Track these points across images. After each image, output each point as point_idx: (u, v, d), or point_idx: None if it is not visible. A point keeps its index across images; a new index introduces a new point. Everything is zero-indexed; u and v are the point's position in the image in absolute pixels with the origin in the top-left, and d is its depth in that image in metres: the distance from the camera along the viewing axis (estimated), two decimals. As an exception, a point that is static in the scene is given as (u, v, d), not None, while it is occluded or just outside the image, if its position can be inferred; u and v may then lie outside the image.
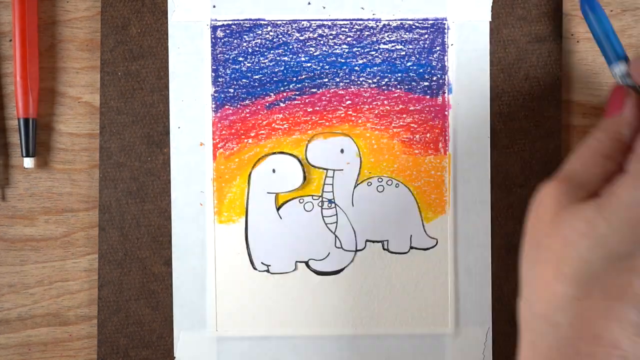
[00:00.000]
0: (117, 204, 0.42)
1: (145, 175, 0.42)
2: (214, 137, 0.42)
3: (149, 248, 0.42)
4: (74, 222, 0.43)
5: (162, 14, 0.42)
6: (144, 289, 0.42)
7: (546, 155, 0.42)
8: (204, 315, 0.42)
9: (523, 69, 0.42)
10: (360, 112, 0.42)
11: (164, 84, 0.42)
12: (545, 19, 0.42)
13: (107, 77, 0.42)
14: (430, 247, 0.42)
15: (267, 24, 0.42)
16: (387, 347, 0.42)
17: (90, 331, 0.43)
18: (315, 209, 0.42)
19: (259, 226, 0.42)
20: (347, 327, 0.42)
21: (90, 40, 0.43)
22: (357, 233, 0.42)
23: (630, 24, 0.44)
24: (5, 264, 0.43)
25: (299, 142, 0.42)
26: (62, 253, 0.43)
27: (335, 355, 0.42)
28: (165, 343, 0.42)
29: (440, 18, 0.42)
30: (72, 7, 0.43)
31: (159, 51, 0.42)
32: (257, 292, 0.42)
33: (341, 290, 0.42)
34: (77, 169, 0.43)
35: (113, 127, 0.42)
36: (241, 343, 0.42)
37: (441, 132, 0.42)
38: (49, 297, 0.43)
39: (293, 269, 0.42)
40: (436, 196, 0.42)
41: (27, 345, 0.43)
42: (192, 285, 0.42)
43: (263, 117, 0.42)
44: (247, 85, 0.42)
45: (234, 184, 0.42)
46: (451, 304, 0.42)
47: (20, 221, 0.43)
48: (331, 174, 0.42)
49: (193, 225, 0.42)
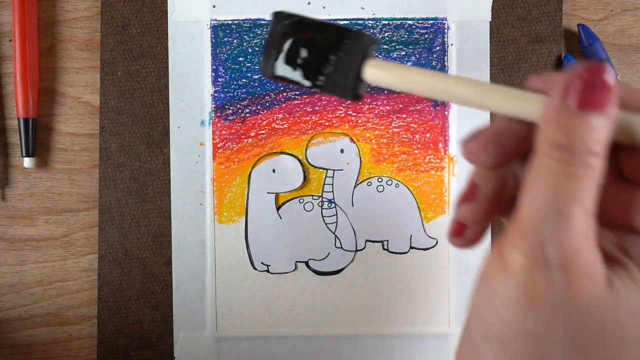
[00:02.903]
0: (117, 204, 0.42)
1: (145, 175, 0.42)
2: (214, 137, 0.42)
3: (149, 248, 0.42)
4: (74, 222, 0.43)
5: (162, 14, 0.42)
6: (144, 289, 0.42)
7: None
8: (204, 315, 0.42)
9: (523, 69, 0.42)
10: (360, 112, 0.42)
11: (164, 84, 0.42)
12: (545, 19, 0.42)
13: (107, 77, 0.42)
14: (430, 247, 0.42)
15: (267, 23, 0.42)
16: (387, 347, 0.42)
17: (90, 331, 0.43)
18: (315, 209, 0.42)
19: (259, 226, 0.42)
20: (347, 327, 0.42)
21: (90, 40, 0.43)
22: (357, 233, 0.42)
23: (630, 24, 0.44)
24: (5, 264, 0.43)
25: (299, 142, 0.42)
26: (62, 253, 0.43)
27: (335, 355, 0.42)
28: (165, 343, 0.42)
29: (440, 18, 0.42)
30: (72, 7, 0.43)
31: (159, 51, 0.42)
32: (257, 292, 0.42)
33: (341, 290, 0.42)
34: (77, 169, 0.43)
35: (113, 127, 0.42)
36: (241, 343, 0.42)
37: (441, 132, 0.42)
38: (49, 297, 0.43)
39: (293, 269, 0.42)
40: (436, 196, 0.42)
41: (27, 345, 0.43)
42: (192, 285, 0.42)
43: (263, 117, 0.42)
44: (247, 85, 0.42)
45: (234, 184, 0.42)
46: (451, 304, 0.42)
47: (20, 221, 0.43)
48: (331, 174, 0.42)
49: (193, 225, 0.42)
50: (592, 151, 0.20)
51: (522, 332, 0.21)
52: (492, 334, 0.22)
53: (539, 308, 0.21)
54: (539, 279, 0.20)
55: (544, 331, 0.21)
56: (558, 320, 0.21)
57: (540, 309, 0.21)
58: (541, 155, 0.21)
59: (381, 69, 0.30)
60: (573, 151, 0.20)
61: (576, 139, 0.20)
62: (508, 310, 0.21)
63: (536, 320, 0.21)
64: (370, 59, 0.31)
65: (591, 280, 0.20)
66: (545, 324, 0.21)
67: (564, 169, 0.20)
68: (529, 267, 0.21)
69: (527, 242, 0.21)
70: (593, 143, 0.20)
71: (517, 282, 0.21)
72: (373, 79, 0.30)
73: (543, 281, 0.20)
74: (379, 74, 0.30)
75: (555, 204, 0.20)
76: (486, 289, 0.22)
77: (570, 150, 0.20)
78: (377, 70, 0.30)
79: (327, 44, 0.34)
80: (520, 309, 0.21)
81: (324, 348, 0.42)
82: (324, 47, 0.34)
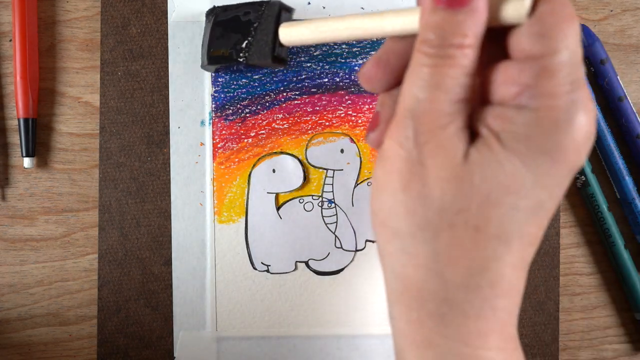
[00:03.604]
0: (117, 204, 0.42)
1: (145, 175, 0.42)
2: (214, 137, 0.42)
3: (149, 248, 0.42)
4: (74, 222, 0.43)
5: (162, 14, 0.42)
6: (144, 289, 0.42)
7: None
8: (204, 315, 0.42)
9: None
10: (360, 112, 0.42)
11: (164, 84, 0.42)
12: (545, 19, 0.42)
13: (107, 77, 0.42)
14: (430, 247, 0.42)
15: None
16: (387, 347, 0.42)
17: (90, 331, 0.43)
18: (315, 209, 0.42)
19: (259, 226, 0.42)
20: (346, 327, 0.42)
21: (90, 40, 0.43)
22: (357, 233, 0.42)
23: (630, 24, 0.44)
24: (5, 264, 0.43)
25: (299, 142, 0.42)
26: (62, 253, 0.43)
27: (335, 355, 0.42)
28: (165, 343, 0.42)
29: (440, 18, 0.42)
30: (72, 7, 0.43)
31: (159, 51, 0.42)
32: (257, 292, 0.42)
33: (341, 290, 0.42)
34: (77, 169, 0.43)
35: (113, 127, 0.42)
36: (241, 343, 0.42)
37: (441, 132, 0.42)
38: (49, 297, 0.43)
39: (293, 269, 0.42)
40: (436, 196, 0.42)
41: (27, 345, 0.43)
42: (192, 285, 0.42)
43: (263, 117, 0.42)
44: (247, 85, 0.42)
45: (234, 184, 0.42)
46: (451, 304, 0.42)
47: (20, 221, 0.43)
48: (331, 174, 0.42)
49: (193, 225, 0.42)
50: (459, 44, 0.22)
51: (400, 212, 0.23)
52: (379, 220, 0.24)
53: (402, 185, 0.23)
54: (400, 157, 0.23)
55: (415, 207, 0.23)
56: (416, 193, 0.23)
57: (402, 185, 0.23)
58: (415, 53, 0.23)
59: (291, 26, 0.32)
60: (441, 46, 0.22)
61: (443, 34, 0.22)
62: (380, 190, 0.24)
63: (402, 197, 0.23)
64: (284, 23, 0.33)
65: (445, 155, 0.22)
66: (414, 200, 0.23)
67: (432, 62, 0.22)
68: (395, 148, 0.23)
69: (397, 127, 0.23)
70: (458, 36, 0.22)
71: (388, 165, 0.24)
72: (287, 39, 0.33)
73: (402, 158, 0.23)
74: (290, 32, 0.32)
75: (421, 92, 0.23)
76: (373, 181, 0.25)
77: (439, 45, 0.22)
78: (288, 29, 0.32)
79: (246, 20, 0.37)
80: (387, 187, 0.24)
81: (324, 348, 0.42)
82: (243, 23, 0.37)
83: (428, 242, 0.23)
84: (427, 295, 0.23)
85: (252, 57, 0.36)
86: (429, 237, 0.23)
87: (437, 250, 0.23)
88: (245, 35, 0.36)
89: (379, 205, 0.24)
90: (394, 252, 0.24)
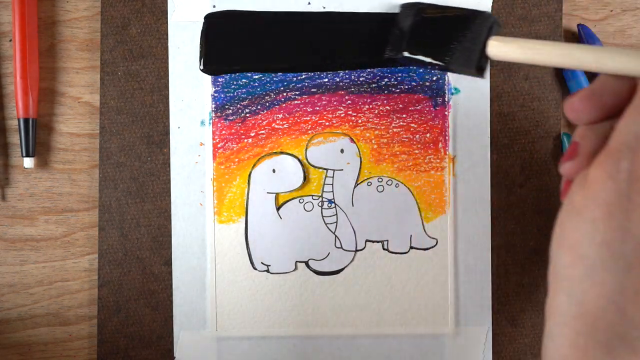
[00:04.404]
0: (117, 204, 0.42)
1: (145, 175, 0.42)
2: (214, 137, 0.42)
3: (149, 248, 0.42)
4: (74, 222, 0.43)
5: (162, 14, 0.42)
6: (144, 289, 0.42)
7: (546, 155, 0.42)
8: (204, 315, 0.42)
9: (523, 69, 0.42)
10: (360, 112, 0.42)
11: (164, 84, 0.42)
12: (545, 19, 0.42)
13: (107, 77, 0.42)
14: (430, 247, 0.42)
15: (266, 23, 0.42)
16: (387, 347, 0.42)
17: (90, 331, 0.43)
18: (315, 209, 0.42)
19: (259, 226, 0.42)
20: (347, 327, 0.42)
21: (90, 40, 0.43)
22: (357, 233, 0.42)
23: (630, 24, 0.44)
24: (5, 264, 0.43)
25: (299, 142, 0.42)
26: (62, 253, 0.43)
27: (335, 355, 0.42)
28: (165, 343, 0.42)
29: (440, 18, 0.42)
30: (72, 7, 0.43)
31: (159, 51, 0.42)
32: (257, 292, 0.42)
33: (341, 290, 0.42)
34: (77, 169, 0.43)
35: (113, 127, 0.42)
36: (241, 343, 0.42)
37: (441, 132, 0.42)
38: (49, 297, 0.43)
39: (293, 269, 0.42)
40: (436, 196, 0.42)
41: (27, 345, 0.43)
42: (192, 285, 0.42)
43: (263, 117, 0.42)
44: (247, 85, 0.42)
45: (234, 184, 0.42)
46: (451, 304, 0.42)
47: (20, 221, 0.43)
48: (331, 174, 0.42)
49: (193, 225, 0.42)
50: None
51: (595, 240, 0.23)
52: (567, 243, 0.24)
53: (604, 215, 0.23)
54: (608, 187, 0.23)
55: (613, 239, 0.23)
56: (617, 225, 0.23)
57: (603, 215, 0.23)
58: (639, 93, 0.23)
59: (504, 42, 0.33)
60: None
61: None
62: (575, 215, 0.24)
63: (602, 226, 0.23)
64: (494, 37, 0.34)
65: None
66: (614, 232, 0.23)
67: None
68: (603, 178, 0.23)
69: (608, 159, 0.23)
70: None
71: (591, 193, 0.24)
72: (495, 52, 0.33)
73: (610, 189, 0.23)
74: (500, 46, 0.33)
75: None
76: (568, 205, 0.25)
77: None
78: (501, 44, 0.33)
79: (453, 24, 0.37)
80: (586, 213, 0.24)
81: (324, 348, 0.42)
82: (451, 27, 0.37)
83: (618, 274, 0.23)
84: (602, 325, 0.23)
85: (454, 62, 0.36)
86: (620, 269, 0.23)
87: (625, 285, 0.23)
88: (449, 39, 0.36)
89: (570, 229, 0.24)
90: (576, 277, 0.24)
